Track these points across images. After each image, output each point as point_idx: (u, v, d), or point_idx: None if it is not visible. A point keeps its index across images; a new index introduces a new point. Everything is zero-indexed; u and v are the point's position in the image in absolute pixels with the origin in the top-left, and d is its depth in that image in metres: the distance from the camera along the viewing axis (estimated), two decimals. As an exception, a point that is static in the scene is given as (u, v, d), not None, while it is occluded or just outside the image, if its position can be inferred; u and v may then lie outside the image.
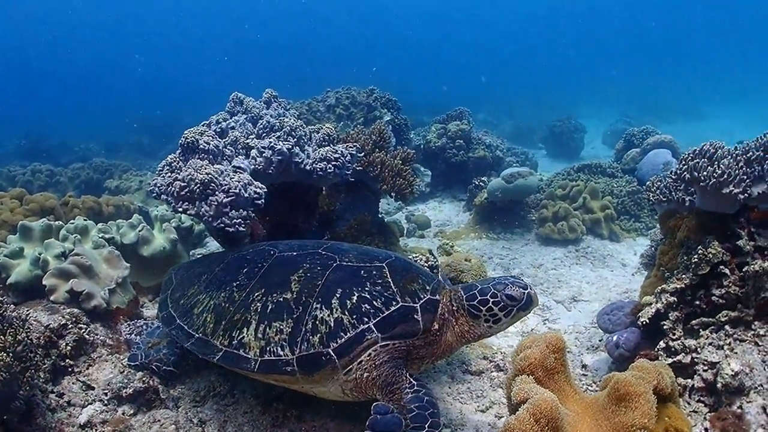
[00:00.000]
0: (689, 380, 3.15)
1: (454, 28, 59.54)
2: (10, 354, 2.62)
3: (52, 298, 3.96)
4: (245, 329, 3.05)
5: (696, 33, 47.78)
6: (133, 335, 3.96)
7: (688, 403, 3.06)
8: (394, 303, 2.97)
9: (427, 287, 3.12)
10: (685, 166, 3.42)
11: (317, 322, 2.92)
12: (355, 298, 2.97)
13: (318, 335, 2.89)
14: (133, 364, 3.63)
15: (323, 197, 5.72)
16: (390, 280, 3.08)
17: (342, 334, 2.87)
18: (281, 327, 2.97)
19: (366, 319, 2.90)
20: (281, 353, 2.91)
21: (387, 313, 2.93)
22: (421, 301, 3.01)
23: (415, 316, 2.95)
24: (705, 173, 3.30)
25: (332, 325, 2.90)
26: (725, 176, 3.24)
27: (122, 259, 4.48)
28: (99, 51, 51.42)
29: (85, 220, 4.87)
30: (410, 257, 4.48)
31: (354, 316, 2.91)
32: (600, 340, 4.49)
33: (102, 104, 31.51)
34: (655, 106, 23.58)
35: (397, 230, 6.64)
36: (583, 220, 7.54)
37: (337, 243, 3.65)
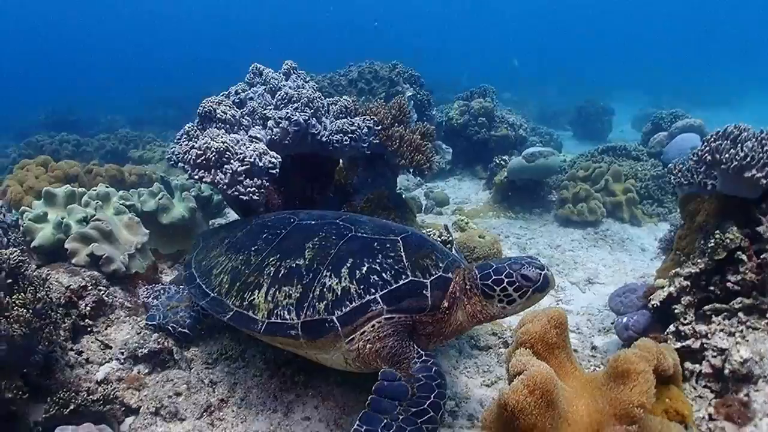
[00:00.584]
0: (697, 365, 3.11)
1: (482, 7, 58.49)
2: (30, 310, 2.71)
3: (73, 261, 4.06)
4: (257, 291, 3.12)
5: (737, 17, 46.12)
6: (150, 299, 4.05)
7: (694, 388, 3.04)
8: (403, 277, 2.95)
9: (440, 264, 3.07)
10: (707, 148, 3.34)
11: (325, 290, 2.95)
12: (365, 268, 2.98)
13: (324, 302, 2.92)
14: (150, 323, 3.76)
15: (340, 170, 5.74)
16: (403, 254, 3.06)
17: (348, 302, 2.89)
18: (290, 292, 3.02)
19: (373, 290, 2.90)
20: (287, 317, 2.96)
21: (395, 286, 2.92)
22: (432, 278, 2.98)
23: (425, 292, 2.92)
24: (727, 156, 3.21)
25: (339, 293, 2.92)
26: (748, 159, 3.14)
27: (142, 226, 4.56)
28: (128, 28, 51.80)
29: (107, 187, 4.97)
30: (424, 233, 4.49)
31: (361, 286, 2.92)
32: (612, 323, 4.46)
33: (129, 80, 31.80)
34: (689, 92, 22.92)
35: (415, 206, 6.65)
36: (604, 202, 7.45)
37: (356, 215, 3.67)
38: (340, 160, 5.56)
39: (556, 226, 7.44)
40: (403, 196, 6.44)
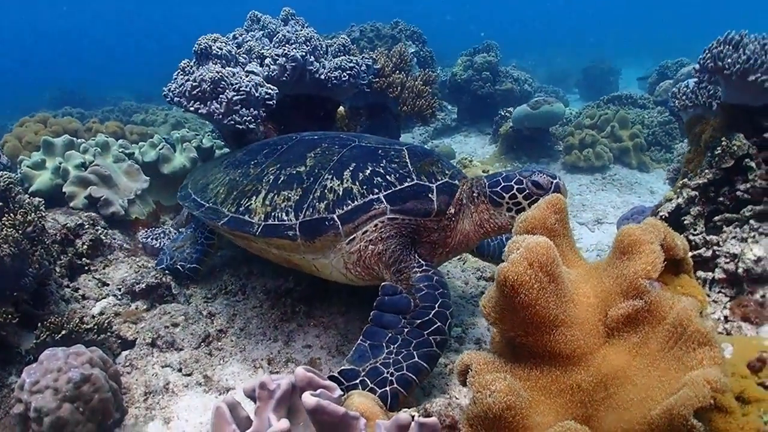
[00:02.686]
0: (710, 273, 3.01)
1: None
2: (20, 232, 2.66)
3: (71, 204, 4.04)
4: (254, 198, 3.06)
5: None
6: (149, 239, 4.01)
7: (708, 295, 2.94)
8: (408, 180, 2.88)
9: (447, 171, 3.01)
10: (709, 55, 3.22)
11: (326, 191, 2.88)
12: (368, 171, 2.91)
13: (325, 202, 2.85)
14: (159, 266, 3.71)
15: (342, 118, 5.65)
16: (408, 160, 2.99)
17: (349, 201, 2.82)
18: (289, 195, 2.95)
19: (376, 190, 2.83)
20: (285, 218, 2.89)
21: (399, 187, 2.85)
22: (438, 182, 2.91)
23: (430, 196, 2.85)
24: (730, 60, 3.10)
25: (341, 193, 2.85)
26: (751, 62, 3.03)
27: (142, 173, 4.53)
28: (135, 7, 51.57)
29: (106, 137, 4.91)
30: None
31: (364, 187, 2.85)
32: (622, 255, 4.37)
33: (136, 58, 31.62)
34: (695, 53, 22.45)
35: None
36: (610, 148, 7.32)
37: (361, 134, 3.59)
38: (341, 107, 5.47)
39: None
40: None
